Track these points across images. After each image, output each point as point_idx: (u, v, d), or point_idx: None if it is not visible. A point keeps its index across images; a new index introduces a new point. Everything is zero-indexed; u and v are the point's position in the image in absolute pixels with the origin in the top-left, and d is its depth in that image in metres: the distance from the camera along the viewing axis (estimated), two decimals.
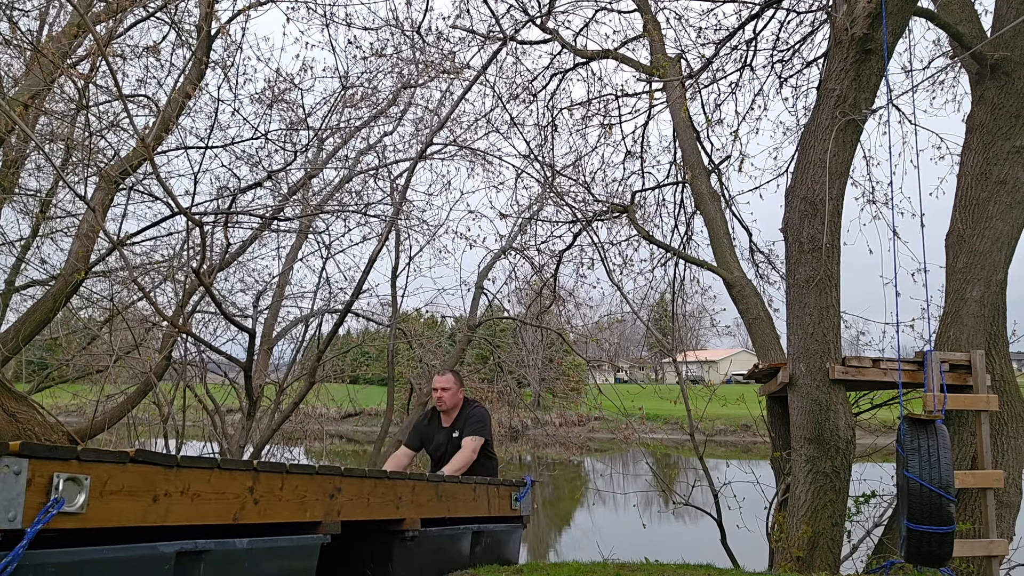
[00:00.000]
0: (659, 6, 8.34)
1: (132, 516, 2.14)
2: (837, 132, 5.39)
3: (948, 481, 4.25)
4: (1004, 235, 5.75)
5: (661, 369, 37.53)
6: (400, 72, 9.08)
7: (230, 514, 2.50)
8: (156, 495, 2.22)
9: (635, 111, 8.97)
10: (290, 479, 2.81)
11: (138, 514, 2.16)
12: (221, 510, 2.46)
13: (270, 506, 2.69)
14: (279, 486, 2.75)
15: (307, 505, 2.89)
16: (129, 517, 2.13)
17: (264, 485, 2.67)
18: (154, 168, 5.48)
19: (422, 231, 9.74)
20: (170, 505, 2.27)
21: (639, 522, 9.65)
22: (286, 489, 2.78)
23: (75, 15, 6.43)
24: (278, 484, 2.74)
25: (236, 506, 2.53)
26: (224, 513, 2.48)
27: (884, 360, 5.43)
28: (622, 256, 9.10)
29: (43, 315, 6.96)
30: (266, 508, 2.67)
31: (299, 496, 2.84)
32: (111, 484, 2.07)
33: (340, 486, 3.10)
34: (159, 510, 2.23)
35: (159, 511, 2.23)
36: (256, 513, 2.62)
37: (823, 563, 5.21)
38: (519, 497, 4.84)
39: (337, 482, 3.08)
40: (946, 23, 6.16)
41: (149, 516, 2.19)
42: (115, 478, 2.09)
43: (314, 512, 2.93)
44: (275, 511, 2.72)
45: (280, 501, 2.74)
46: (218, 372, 9.85)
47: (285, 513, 2.77)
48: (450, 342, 13.12)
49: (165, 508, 2.25)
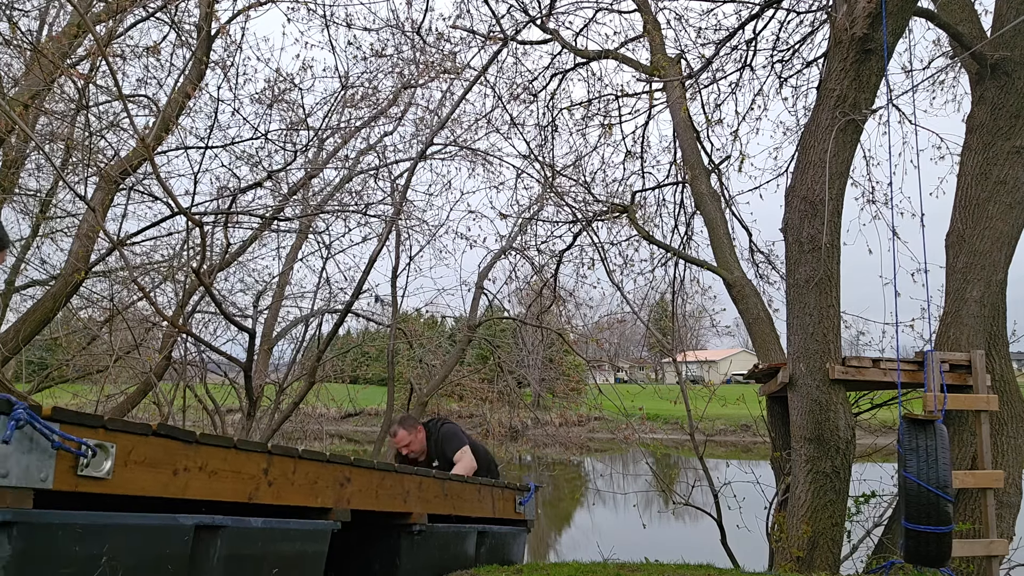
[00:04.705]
0: (659, 6, 8.35)
1: (154, 486, 2.22)
2: (837, 132, 5.39)
3: (946, 481, 4.24)
4: (1004, 235, 5.74)
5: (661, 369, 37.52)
6: (400, 72, 9.08)
7: (245, 493, 2.57)
8: (176, 469, 2.29)
9: (635, 111, 8.99)
10: (302, 464, 2.88)
11: (159, 485, 2.24)
12: (237, 488, 2.53)
13: (283, 489, 2.76)
14: (292, 470, 2.82)
15: (318, 491, 2.96)
16: (151, 487, 2.21)
17: (278, 468, 2.74)
18: (154, 168, 5.48)
19: (422, 231, 9.75)
20: (189, 479, 2.34)
21: (639, 522, 9.64)
22: (298, 474, 2.85)
23: (75, 15, 6.43)
24: (291, 468, 2.81)
25: (251, 486, 2.60)
26: (240, 492, 2.55)
27: (884, 360, 5.43)
28: (622, 256, 9.12)
29: (43, 315, 6.96)
30: (279, 491, 2.74)
31: (311, 481, 2.91)
32: (135, 454, 2.15)
33: (350, 476, 3.17)
34: (179, 483, 2.30)
35: (179, 484, 2.30)
36: (270, 494, 2.69)
37: (823, 563, 5.21)
38: (523, 501, 4.86)
39: (347, 471, 3.16)
40: (946, 23, 6.16)
41: (169, 488, 2.27)
42: (138, 449, 2.16)
43: (324, 499, 3.00)
44: (288, 494, 2.79)
45: (293, 485, 2.81)
46: (218, 372, 9.85)
47: (297, 497, 2.84)
48: (450, 342, 13.11)
49: (184, 482, 2.32)
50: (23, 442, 1.85)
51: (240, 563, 2.52)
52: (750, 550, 6.98)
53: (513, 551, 4.80)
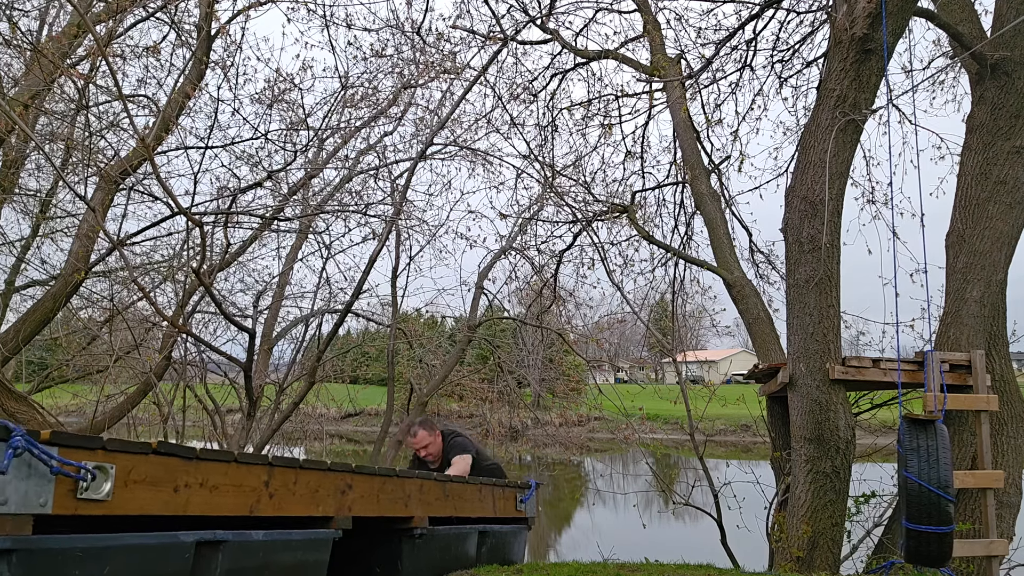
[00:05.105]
0: (659, 6, 8.35)
1: (154, 505, 2.21)
2: (837, 132, 5.39)
3: (947, 481, 4.24)
4: (1004, 235, 5.75)
5: (661, 369, 37.53)
6: (400, 72, 9.08)
7: (247, 506, 2.57)
8: (177, 486, 2.29)
9: (635, 111, 8.99)
10: (303, 474, 2.87)
11: (160, 503, 2.23)
12: (238, 502, 2.53)
13: (284, 500, 2.76)
14: (293, 480, 2.81)
15: (319, 500, 2.95)
16: (152, 506, 2.20)
17: (279, 479, 2.73)
18: (154, 168, 5.48)
19: (422, 231, 9.76)
20: (190, 496, 2.34)
21: (639, 522, 9.64)
22: (299, 484, 2.84)
23: (75, 15, 6.43)
24: (292, 479, 2.81)
25: (252, 499, 2.60)
26: (241, 505, 2.54)
27: (884, 360, 5.43)
28: (622, 256, 9.12)
29: (43, 315, 6.96)
30: (280, 502, 2.73)
31: (311, 491, 2.91)
32: (134, 474, 2.14)
33: (351, 483, 3.16)
34: (180, 500, 2.30)
35: (179, 501, 2.30)
36: (271, 506, 2.68)
37: (823, 563, 5.21)
38: (524, 499, 4.86)
39: (348, 479, 3.15)
40: (946, 23, 6.16)
41: (170, 506, 2.27)
42: (138, 468, 2.16)
43: (326, 507, 2.99)
44: (289, 505, 2.78)
45: (294, 495, 2.81)
46: (218, 372, 9.85)
47: (298, 507, 2.83)
48: (450, 342, 13.11)
49: (185, 498, 2.32)
50: (21, 468, 1.83)
51: None
52: (750, 550, 6.98)
53: (514, 550, 4.80)
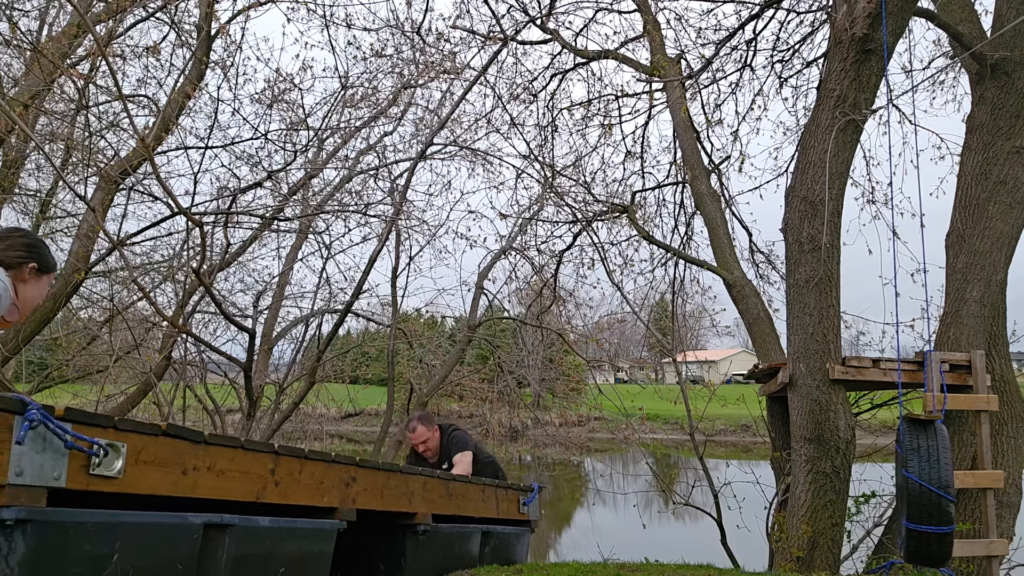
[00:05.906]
0: (659, 6, 8.36)
1: (163, 485, 2.25)
2: (837, 132, 5.39)
3: (948, 481, 4.25)
4: (1004, 235, 5.75)
5: (661, 369, 37.52)
6: (400, 72, 9.08)
7: (253, 492, 2.61)
8: (185, 468, 2.33)
9: (635, 111, 8.99)
10: (308, 464, 2.91)
11: (169, 484, 2.27)
12: (245, 488, 2.57)
13: (290, 488, 2.79)
14: (298, 470, 2.85)
15: (324, 491, 2.99)
16: (161, 486, 2.24)
17: (284, 468, 2.77)
18: (154, 168, 5.48)
19: (422, 231, 9.76)
20: (198, 479, 2.38)
21: (639, 522, 9.64)
22: (304, 474, 2.88)
23: (75, 15, 6.42)
24: (297, 468, 2.84)
25: (259, 485, 2.63)
26: (247, 491, 2.58)
27: (884, 360, 5.43)
28: (622, 256, 9.12)
29: (43, 315, 6.95)
30: (286, 490, 2.77)
31: (317, 481, 2.94)
32: (144, 454, 2.18)
33: (355, 476, 3.20)
34: (188, 482, 2.34)
35: (188, 483, 2.34)
36: (277, 494, 2.72)
37: (823, 563, 5.21)
38: (527, 502, 4.87)
39: (352, 471, 3.18)
40: (946, 23, 6.16)
41: (179, 487, 2.31)
42: (148, 448, 2.20)
43: (330, 498, 3.03)
44: (294, 494, 2.82)
45: (299, 485, 2.85)
46: (218, 372, 9.86)
47: (303, 497, 2.87)
48: (450, 342, 13.11)
49: (193, 481, 2.36)
50: (36, 442, 1.88)
51: (247, 562, 2.55)
52: (750, 550, 6.98)
53: (517, 551, 4.82)
